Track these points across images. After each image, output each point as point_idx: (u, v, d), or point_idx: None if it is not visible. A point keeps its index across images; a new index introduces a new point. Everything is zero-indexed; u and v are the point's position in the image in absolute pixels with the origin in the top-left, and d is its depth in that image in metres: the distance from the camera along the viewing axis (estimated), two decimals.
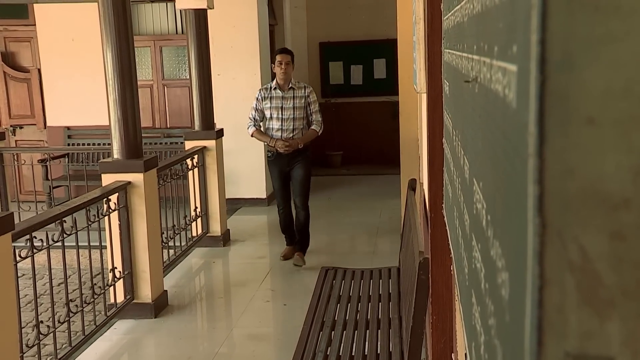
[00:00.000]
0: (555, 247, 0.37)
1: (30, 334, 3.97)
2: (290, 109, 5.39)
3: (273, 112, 5.40)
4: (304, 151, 5.52)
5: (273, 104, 5.40)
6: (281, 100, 5.40)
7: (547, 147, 0.37)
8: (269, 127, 5.46)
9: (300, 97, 5.43)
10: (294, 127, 5.40)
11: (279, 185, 5.61)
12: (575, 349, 0.36)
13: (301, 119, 5.43)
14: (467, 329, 0.96)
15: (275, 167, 5.53)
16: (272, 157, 5.51)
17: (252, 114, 5.52)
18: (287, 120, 5.39)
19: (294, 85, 5.44)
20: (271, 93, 5.43)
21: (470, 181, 0.86)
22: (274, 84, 5.43)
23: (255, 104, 5.50)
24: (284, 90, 5.40)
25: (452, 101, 1.29)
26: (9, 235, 2.98)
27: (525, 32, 0.41)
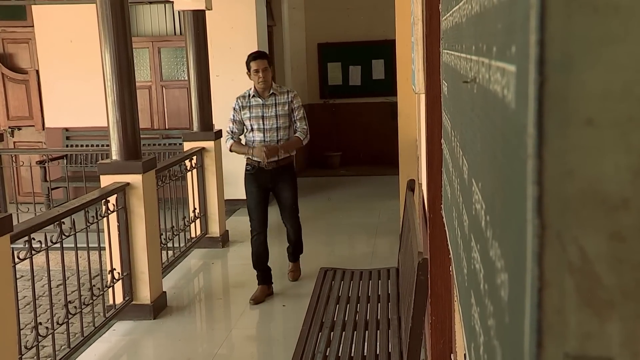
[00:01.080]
0: (555, 248, 0.37)
1: (29, 335, 3.97)
2: (272, 117, 4.77)
3: (253, 122, 4.78)
4: (289, 167, 4.96)
5: (253, 114, 4.78)
6: (262, 108, 4.78)
7: (546, 148, 0.37)
8: (250, 139, 4.82)
9: (283, 104, 4.82)
10: (278, 138, 4.79)
11: (256, 203, 4.88)
12: (575, 350, 0.36)
13: (286, 128, 4.84)
14: (466, 329, 0.96)
15: (254, 182, 4.85)
16: (252, 170, 4.84)
17: (230, 127, 4.86)
18: (271, 130, 4.78)
19: (276, 90, 4.84)
20: (250, 101, 4.80)
21: (469, 182, 0.86)
22: (252, 91, 4.82)
23: (233, 114, 4.85)
24: (264, 97, 4.80)
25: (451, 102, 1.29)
26: (8, 236, 2.98)
27: (524, 33, 0.41)
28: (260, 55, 4.86)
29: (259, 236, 4.96)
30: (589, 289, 0.36)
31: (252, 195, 4.89)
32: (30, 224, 3.55)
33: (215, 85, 6.75)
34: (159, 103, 8.51)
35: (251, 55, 4.83)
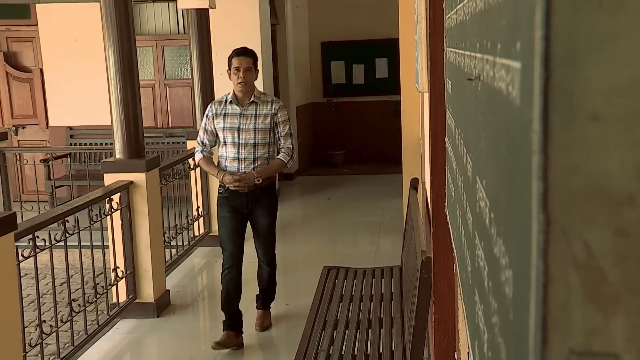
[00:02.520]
0: (560, 243, 0.37)
1: (33, 333, 3.98)
2: (250, 131, 3.98)
3: (227, 134, 4.00)
4: (269, 190, 4.15)
5: (227, 124, 4.00)
6: (238, 118, 4.00)
7: (551, 143, 0.37)
8: (222, 155, 4.06)
9: (264, 116, 4.02)
10: (255, 157, 3.99)
11: (229, 232, 4.10)
12: (580, 345, 0.36)
13: (266, 145, 4.02)
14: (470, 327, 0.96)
15: (227, 207, 4.09)
16: (224, 193, 4.09)
17: (200, 137, 4.14)
18: (246, 146, 3.98)
19: (257, 98, 4.04)
20: (226, 108, 4.03)
21: (473, 179, 0.86)
22: (230, 97, 4.05)
23: (205, 122, 4.10)
24: (243, 105, 4.02)
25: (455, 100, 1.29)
26: (12, 234, 2.99)
27: (529, 29, 0.41)
28: (246, 52, 4.06)
29: (231, 271, 4.12)
30: (594, 285, 0.36)
31: (224, 222, 4.11)
32: (34, 222, 3.56)
33: (219, 83, 6.75)
34: (162, 101, 8.52)
35: (235, 50, 4.08)
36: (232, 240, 4.11)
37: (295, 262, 6.02)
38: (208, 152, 4.13)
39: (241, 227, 4.15)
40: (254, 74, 4.04)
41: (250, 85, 4.02)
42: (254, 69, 4.03)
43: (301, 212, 8.08)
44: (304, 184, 9.47)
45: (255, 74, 4.05)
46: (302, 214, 7.98)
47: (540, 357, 0.37)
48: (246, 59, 4.02)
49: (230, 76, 4.02)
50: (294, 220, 7.70)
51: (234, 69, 3.98)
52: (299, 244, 6.60)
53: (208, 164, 4.13)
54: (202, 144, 4.13)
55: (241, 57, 4.01)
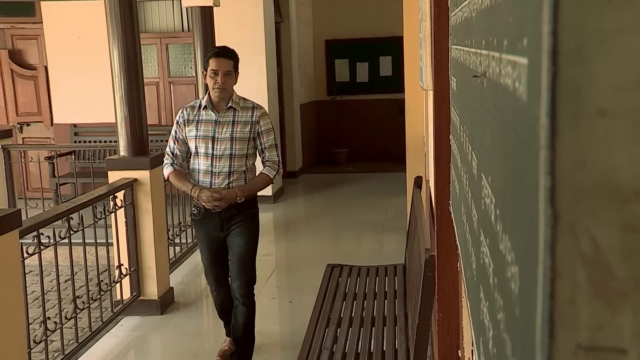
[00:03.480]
0: (567, 239, 0.37)
1: (38, 330, 3.99)
2: (226, 140, 3.46)
3: (200, 144, 3.48)
4: (249, 206, 3.57)
5: (200, 132, 3.49)
6: (213, 126, 3.48)
7: (558, 138, 0.37)
8: (195, 167, 3.54)
9: (243, 123, 3.49)
10: (230, 170, 3.47)
11: (210, 259, 3.67)
12: (587, 341, 0.36)
13: (243, 157, 3.50)
14: (474, 324, 0.96)
15: (202, 231, 3.62)
16: (198, 215, 3.58)
17: (170, 147, 3.59)
18: (221, 158, 3.47)
19: (236, 104, 3.52)
20: (199, 114, 3.52)
21: (479, 176, 0.86)
22: (204, 101, 3.52)
23: (175, 130, 3.57)
24: (220, 110, 3.49)
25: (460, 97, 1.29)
26: (17, 231, 2.99)
27: (536, 25, 0.41)
28: (226, 53, 3.49)
29: (220, 293, 3.78)
30: (601, 280, 0.36)
31: (202, 246, 3.69)
32: (38, 220, 3.57)
33: None
34: (166, 99, 8.53)
35: (213, 50, 3.57)
36: (214, 268, 3.69)
37: (299, 259, 6.03)
38: (179, 165, 3.57)
39: (222, 254, 3.65)
40: (233, 79, 3.49)
41: (229, 90, 3.48)
42: (234, 73, 3.49)
43: (305, 210, 8.08)
44: (308, 182, 9.48)
45: (235, 78, 3.51)
46: (306, 212, 7.98)
47: (547, 352, 0.37)
48: (225, 62, 3.44)
49: (206, 78, 3.49)
50: (297, 218, 7.70)
51: (211, 72, 3.43)
52: (302, 242, 6.61)
53: (180, 179, 3.54)
54: (172, 155, 3.57)
55: (220, 59, 3.44)
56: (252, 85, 7.81)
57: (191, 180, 3.53)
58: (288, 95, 9.45)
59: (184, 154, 3.59)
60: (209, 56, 3.48)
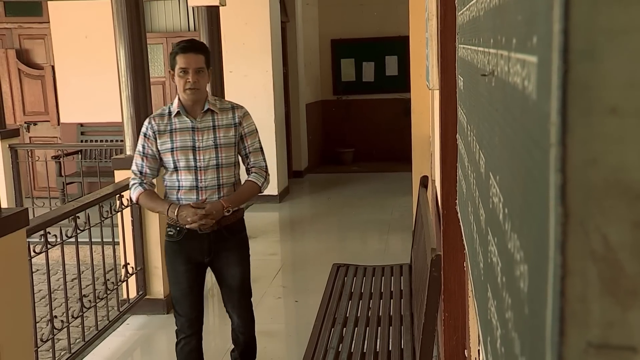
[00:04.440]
0: (578, 236, 0.37)
1: (45, 328, 4.00)
2: (209, 149, 3.01)
3: (179, 157, 3.00)
4: (237, 226, 3.14)
5: (178, 143, 3.00)
6: (192, 134, 3.01)
7: (569, 136, 0.37)
8: (174, 185, 3.04)
9: (226, 127, 3.05)
10: (219, 183, 3.03)
11: (185, 291, 3.11)
12: (598, 338, 0.36)
13: (231, 166, 3.08)
14: (482, 324, 0.96)
15: (180, 257, 3.08)
16: (176, 235, 3.05)
17: (137, 165, 3.08)
18: (207, 171, 3.00)
19: (213, 105, 3.06)
20: (171, 123, 3.02)
21: (487, 175, 0.86)
22: (174, 107, 3.04)
23: (143, 145, 3.06)
24: (195, 115, 3.03)
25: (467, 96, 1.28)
26: (24, 230, 3.01)
27: (546, 23, 0.41)
28: (195, 47, 3.02)
29: (190, 341, 3.17)
30: (611, 278, 0.36)
31: (177, 277, 3.10)
32: (45, 219, 3.58)
33: (229, 81, 6.76)
34: (173, 99, 8.54)
35: (180, 44, 3.02)
36: (190, 302, 3.11)
37: (304, 259, 6.04)
38: (149, 185, 3.07)
39: (200, 281, 3.17)
40: (206, 76, 3.03)
41: (203, 91, 3.02)
42: (206, 70, 3.02)
43: (310, 210, 8.08)
44: (314, 182, 9.48)
45: (208, 75, 3.05)
46: (312, 212, 7.99)
47: (557, 350, 0.37)
48: (195, 57, 2.96)
49: (174, 78, 3.02)
50: (303, 217, 7.70)
51: (180, 71, 2.95)
52: (308, 242, 6.61)
53: (152, 199, 3.04)
54: (140, 175, 3.05)
55: (189, 55, 2.95)
56: (258, 84, 7.83)
57: (167, 199, 3.04)
58: (294, 94, 9.45)
59: (154, 171, 3.08)
60: (175, 52, 2.98)
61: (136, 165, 3.08)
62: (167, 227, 3.10)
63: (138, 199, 3.07)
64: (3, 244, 2.80)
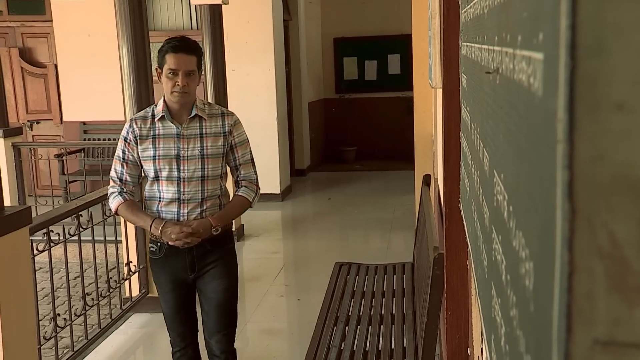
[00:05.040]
0: (585, 233, 0.37)
1: (48, 326, 4.01)
2: (194, 159, 2.74)
3: (162, 166, 2.73)
4: (224, 239, 2.85)
5: (161, 150, 2.73)
6: (176, 141, 2.73)
7: (576, 132, 0.37)
8: (154, 195, 2.78)
9: (214, 136, 2.78)
10: (203, 196, 2.76)
11: (176, 307, 2.89)
12: (604, 335, 0.36)
13: (217, 178, 2.80)
14: (485, 322, 0.96)
15: (165, 273, 2.84)
16: (158, 252, 2.82)
17: (117, 171, 2.81)
18: (191, 182, 2.73)
19: (201, 111, 2.78)
20: (154, 128, 2.76)
21: (491, 173, 0.86)
22: (159, 110, 2.77)
23: (123, 149, 2.80)
24: (181, 121, 2.75)
25: (471, 94, 1.28)
26: (27, 228, 3.01)
27: (553, 19, 0.41)
28: (187, 46, 2.70)
29: (186, 352, 2.97)
30: (618, 275, 0.36)
31: (163, 294, 2.89)
32: (48, 217, 3.59)
33: (231, 79, 6.76)
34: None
35: (171, 42, 2.70)
36: (180, 318, 2.90)
37: (307, 257, 6.04)
38: (129, 194, 2.81)
39: (190, 298, 2.92)
40: (197, 80, 2.74)
41: (192, 95, 2.73)
42: (197, 72, 2.73)
43: (313, 208, 8.08)
44: (316, 180, 9.48)
45: (198, 78, 2.76)
46: (314, 210, 7.99)
47: (564, 347, 0.37)
48: (187, 59, 2.67)
49: (160, 78, 2.72)
50: (305, 216, 7.70)
51: (168, 71, 2.67)
52: (310, 240, 6.62)
53: (134, 211, 2.79)
54: (120, 182, 2.80)
55: (180, 55, 2.66)
56: (261, 83, 7.83)
57: (149, 212, 2.79)
58: (296, 93, 9.45)
59: (135, 179, 2.82)
60: (164, 50, 2.68)
61: (115, 171, 2.81)
62: (150, 243, 2.86)
63: (117, 210, 2.80)
64: (6, 242, 2.81)
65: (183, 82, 2.66)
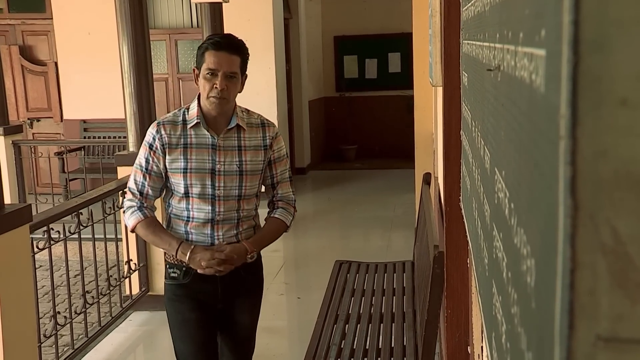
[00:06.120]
0: (587, 229, 0.36)
1: (48, 324, 4.01)
2: (232, 175, 2.37)
3: (192, 180, 2.35)
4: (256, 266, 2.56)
5: (193, 163, 2.35)
6: (211, 153, 2.35)
7: (579, 128, 0.37)
8: (182, 215, 2.41)
9: (254, 149, 2.42)
10: (239, 217, 2.43)
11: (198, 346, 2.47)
12: (607, 332, 0.36)
13: (253, 198, 2.47)
14: (486, 320, 0.96)
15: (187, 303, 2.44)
16: (182, 277, 2.42)
17: (137, 182, 2.42)
18: (227, 200, 2.38)
19: (241, 120, 2.40)
20: (186, 135, 2.37)
21: (492, 171, 0.86)
22: (192, 115, 2.37)
23: (146, 158, 2.40)
24: (218, 130, 2.38)
25: (472, 92, 1.28)
26: (27, 226, 3.01)
27: (555, 15, 0.41)
28: (231, 44, 2.34)
29: None
30: (621, 271, 0.36)
31: (183, 329, 2.47)
32: (48, 215, 3.59)
33: None
34: (175, 95, 8.55)
35: (212, 39, 2.36)
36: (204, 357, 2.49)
37: (307, 256, 6.04)
38: (150, 209, 2.43)
39: (215, 333, 2.54)
40: (239, 84, 2.36)
41: (232, 101, 2.36)
42: (239, 76, 2.35)
43: (313, 207, 8.08)
44: (316, 178, 9.48)
45: (241, 83, 2.39)
46: (314, 209, 7.98)
47: (566, 343, 0.37)
48: (230, 58, 2.31)
49: (198, 80, 2.35)
50: (306, 214, 7.70)
51: (207, 72, 2.30)
52: (311, 238, 6.61)
53: (156, 232, 2.41)
54: (140, 196, 2.41)
55: (222, 54, 2.30)
56: (261, 81, 7.82)
57: (173, 233, 2.42)
58: (297, 91, 9.45)
59: (157, 192, 2.43)
60: (204, 47, 2.33)
61: (135, 183, 2.41)
62: (169, 267, 2.45)
63: (135, 227, 2.41)
64: (6, 240, 2.81)
65: (222, 85, 2.28)
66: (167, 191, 2.46)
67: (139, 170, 2.42)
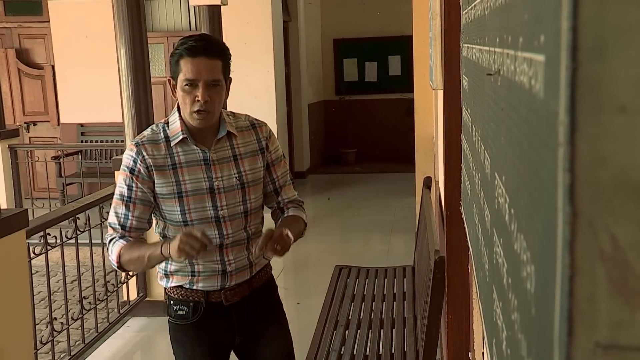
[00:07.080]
0: (586, 236, 0.36)
1: (44, 330, 4.00)
2: (233, 190, 2.10)
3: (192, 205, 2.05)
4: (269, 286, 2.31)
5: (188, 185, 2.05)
6: (205, 170, 2.07)
7: (578, 135, 0.36)
8: None
9: (251, 155, 2.15)
10: (248, 234, 2.14)
11: None
12: (606, 339, 0.36)
13: (259, 210, 2.20)
14: (487, 326, 0.96)
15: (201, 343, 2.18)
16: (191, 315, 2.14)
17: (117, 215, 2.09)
18: (233, 220, 2.09)
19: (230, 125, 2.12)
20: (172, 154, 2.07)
21: (492, 176, 0.85)
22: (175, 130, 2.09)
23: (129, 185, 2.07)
24: (207, 143, 2.09)
25: (472, 96, 1.28)
26: (23, 231, 3.00)
27: (554, 21, 0.40)
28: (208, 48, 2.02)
29: None
30: (620, 278, 0.36)
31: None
32: (45, 220, 3.58)
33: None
34: (173, 99, 8.54)
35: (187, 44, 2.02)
36: None
37: (306, 261, 6.03)
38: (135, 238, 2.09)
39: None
40: (223, 92, 2.05)
41: (215, 112, 2.04)
42: (223, 82, 2.04)
43: (313, 211, 8.08)
44: (316, 182, 9.47)
45: (226, 89, 2.08)
46: (314, 213, 7.97)
47: (565, 351, 0.37)
48: (210, 64, 2.00)
49: (175, 92, 2.07)
50: None
51: (185, 83, 2.00)
52: (310, 243, 6.60)
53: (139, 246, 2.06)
54: (122, 230, 2.07)
55: (200, 60, 1.98)
56: (260, 85, 7.83)
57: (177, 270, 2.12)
58: (296, 94, 9.45)
59: (144, 224, 2.09)
60: (178, 53, 2.01)
61: (117, 216, 2.07)
62: (174, 305, 2.15)
63: (119, 258, 2.04)
64: (2, 245, 2.80)
65: (204, 97, 1.96)
66: (158, 223, 2.14)
67: (120, 202, 2.08)
